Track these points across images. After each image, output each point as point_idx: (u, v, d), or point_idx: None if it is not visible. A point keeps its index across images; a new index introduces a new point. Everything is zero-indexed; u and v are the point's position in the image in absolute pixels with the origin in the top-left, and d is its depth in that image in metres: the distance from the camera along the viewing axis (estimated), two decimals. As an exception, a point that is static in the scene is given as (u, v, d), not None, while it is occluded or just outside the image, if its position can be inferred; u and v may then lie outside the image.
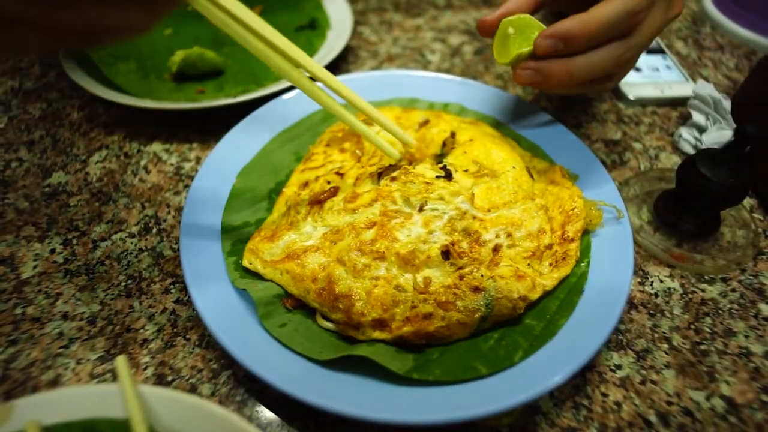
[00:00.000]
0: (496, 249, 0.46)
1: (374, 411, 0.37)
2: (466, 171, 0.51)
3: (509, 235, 0.47)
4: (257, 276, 0.48)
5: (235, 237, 0.50)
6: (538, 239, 0.48)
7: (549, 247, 0.48)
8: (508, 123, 0.63)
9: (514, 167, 0.52)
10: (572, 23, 0.47)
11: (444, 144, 0.56)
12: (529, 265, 0.47)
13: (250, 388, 0.44)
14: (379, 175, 0.50)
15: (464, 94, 0.66)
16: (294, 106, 0.63)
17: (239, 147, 0.58)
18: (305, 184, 0.54)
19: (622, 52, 0.49)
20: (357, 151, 0.56)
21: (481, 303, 0.43)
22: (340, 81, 0.44)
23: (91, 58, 0.72)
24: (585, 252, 0.49)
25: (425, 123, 0.59)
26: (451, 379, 0.40)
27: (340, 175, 0.53)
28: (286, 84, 0.67)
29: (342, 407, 0.37)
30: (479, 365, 0.41)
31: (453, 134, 0.57)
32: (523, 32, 0.49)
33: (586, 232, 0.50)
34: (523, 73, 0.49)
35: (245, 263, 0.47)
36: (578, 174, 0.55)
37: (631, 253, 0.47)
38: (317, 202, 0.49)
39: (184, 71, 0.70)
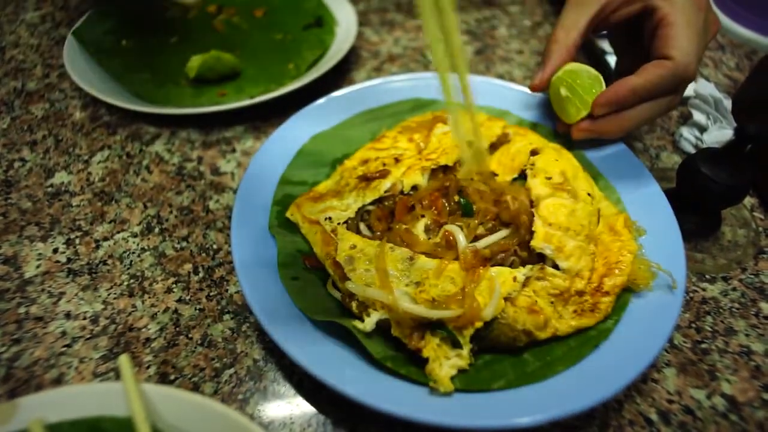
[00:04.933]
0: (526, 283, 0.44)
1: (375, 399, 0.37)
2: (549, 179, 0.48)
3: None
4: (291, 230, 0.51)
5: (288, 190, 0.54)
6: (572, 281, 0.45)
7: (580, 293, 0.45)
8: (591, 157, 0.58)
9: (591, 198, 0.49)
10: (624, 90, 0.51)
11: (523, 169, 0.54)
12: (552, 303, 0.44)
13: (252, 387, 0.44)
14: (433, 171, 0.52)
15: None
16: (380, 93, 0.64)
17: (319, 119, 0.61)
18: (365, 161, 0.55)
19: (669, 104, 0.53)
20: (421, 144, 0.56)
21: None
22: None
23: (94, 63, 0.72)
24: (618, 310, 0.45)
25: (504, 137, 0.57)
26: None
27: (398, 160, 0.54)
28: (305, 81, 0.67)
29: (337, 383, 0.38)
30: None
31: (534, 152, 0.54)
32: (575, 92, 0.54)
33: (628, 290, 0.46)
34: (582, 135, 0.56)
35: (288, 214, 0.52)
36: (646, 229, 0.50)
37: (669, 328, 0.42)
38: (365, 179, 0.52)
39: (202, 75, 0.70)
